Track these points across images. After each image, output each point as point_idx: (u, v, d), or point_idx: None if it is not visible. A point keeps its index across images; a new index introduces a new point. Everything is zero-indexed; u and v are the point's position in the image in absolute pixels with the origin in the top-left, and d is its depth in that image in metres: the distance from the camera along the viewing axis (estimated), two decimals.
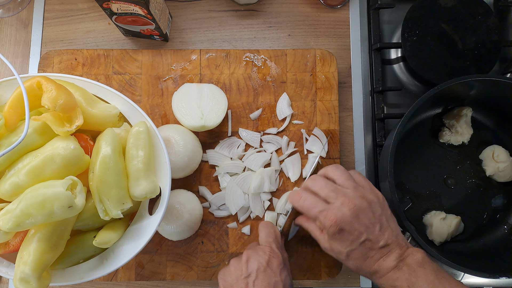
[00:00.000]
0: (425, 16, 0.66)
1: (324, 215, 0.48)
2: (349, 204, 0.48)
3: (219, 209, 0.63)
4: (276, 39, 0.70)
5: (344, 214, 0.47)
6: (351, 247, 0.48)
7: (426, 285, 0.45)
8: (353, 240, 0.48)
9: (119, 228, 0.51)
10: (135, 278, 0.62)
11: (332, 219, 0.47)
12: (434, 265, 0.47)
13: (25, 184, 0.44)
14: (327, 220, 0.48)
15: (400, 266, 0.46)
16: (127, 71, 0.66)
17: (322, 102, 0.66)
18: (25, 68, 0.69)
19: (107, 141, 0.47)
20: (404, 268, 0.46)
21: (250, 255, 0.50)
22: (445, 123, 0.67)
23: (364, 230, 0.47)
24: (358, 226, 0.47)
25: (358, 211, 0.48)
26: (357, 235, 0.47)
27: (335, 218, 0.47)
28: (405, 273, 0.46)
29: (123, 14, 0.59)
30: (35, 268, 0.44)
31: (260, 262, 0.48)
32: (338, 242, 0.48)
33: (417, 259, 0.46)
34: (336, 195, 0.49)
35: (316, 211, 0.49)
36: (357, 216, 0.48)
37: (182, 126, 0.62)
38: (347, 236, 0.48)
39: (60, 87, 0.45)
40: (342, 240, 0.48)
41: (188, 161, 0.59)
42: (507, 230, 0.65)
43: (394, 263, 0.46)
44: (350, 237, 0.47)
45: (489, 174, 0.66)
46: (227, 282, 0.50)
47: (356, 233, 0.47)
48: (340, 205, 0.48)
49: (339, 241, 0.48)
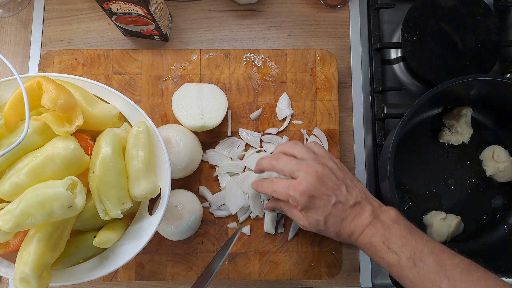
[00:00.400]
0: (425, 16, 0.66)
1: (293, 188, 0.50)
2: (312, 172, 0.50)
3: (219, 209, 0.63)
4: (276, 39, 0.70)
5: (310, 182, 0.49)
6: (325, 212, 0.49)
7: (399, 240, 0.46)
8: (325, 205, 0.49)
9: (119, 228, 0.51)
10: (135, 278, 0.62)
11: (300, 190, 0.49)
12: (407, 222, 0.48)
13: (25, 184, 0.44)
14: (297, 192, 0.49)
15: (374, 222, 0.47)
16: (127, 71, 0.66)
17: (322, 102, 0.66)
18: (25, 68, 0.69)
19: (107, 141, 0.47)
20: (378, 224, 0.47)
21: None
22: (445, 123, 0.67)
23: (331, 193, 0.49)
24: (325, 190, 0.49)
25: (322, 177, 0.50)
26: (326, 199, 0.49)
27: (303, 188, 0.49)
28: (380, 229, 0.47)
29: (123, 14, 0.59)
30: (35, 268, 0.44)
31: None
32: (312, 211, 0.50)
33: (391, 216, 0.48)
34: (299, 167, 0.51)
35: (286, 190, 0.51)
36: (321, 181, 0.49)
37: (182, 126, 0.62)
38: (318, 202, 0.49)
39: (60, 87, 0.45)
40: (315, 208, 0.49)
41: (188, 161, 0.59)
42: (507, 230, 0.65)
43: (368, 220, 0.48)
44: (321, 202, 0.49)
45: (490, 174, 0.66)
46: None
47: (325, 197, 0.49)
48: (304, 175, 0.50)
49: (312, 209, 0.50)
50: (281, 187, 0.52)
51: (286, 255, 0.63)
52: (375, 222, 0.47)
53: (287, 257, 0.63)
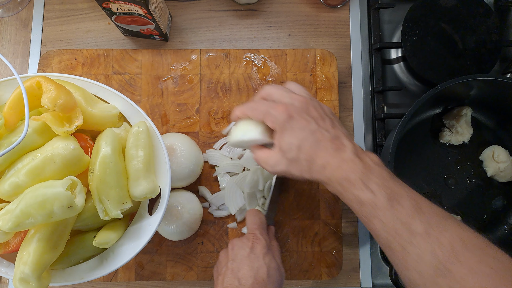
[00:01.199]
0: (425, 16, 0.66)
1: (274, 107, 0.46)
2: (299, 99, 0.47)
3: (218, 209, 0.63)
4: (276, 39, 0.70)
5: (294, 105, 0.46)
6: (302, 135, 0.45)
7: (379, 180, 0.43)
8: (302, 128, 0.45)
9: (119, 228, 0.51)
10: (135, 278, 0.62)
11: (282, 108, 0.46)
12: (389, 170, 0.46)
13: (25, 184, 0.44)
14: (278, 111, 0.45)
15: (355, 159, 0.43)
16: (127, 71, 0.66)
17: (322, 102, 0.66)
18: (25, 68, 0.69)
19: (107, 141, 0.47)
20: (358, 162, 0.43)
21: (235, 243, 0.53)
22: (445, 123, 0.67)
23: (312, 120, 0.46)
24: (307, 116, 0.46)
25: (308, 105, 0.46)
26: (306, 123, 0.45)
27: (285, 106, 0.46)
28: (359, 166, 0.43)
29: (123, 14, 0.59)
30: (35, 268, 0.44)
31: (243, 248, 0.51)
32: (288, 133, 0.45)
33: (373, 159, 0.45)
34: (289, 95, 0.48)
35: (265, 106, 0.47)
36: (306, 108, 0.46)
37: (186, 136, 0.62)
38: (297, 123, 0.45)
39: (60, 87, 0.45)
40: (292, 130, 0.45)
41: (189, 172, 0.59)
42: (507, 230, 0.65)
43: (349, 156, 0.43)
44: (299, 124, 0.45)
45: (490, 174, 0.66)
46: (217, 272, 0.53)
47: (304, 121, 0.45)
48: (290, 99, 0.47)
49: (289, 131, 0.45)
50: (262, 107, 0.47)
51: (286, 255, 0.63)
52: (355, 159, 0.43)
53: (287, 257, 0.63)
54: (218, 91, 0.66)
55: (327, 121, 0.46)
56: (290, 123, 0.45)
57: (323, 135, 0.45)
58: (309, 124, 0.45)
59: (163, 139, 0.53)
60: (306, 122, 0.45)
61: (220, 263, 0.53)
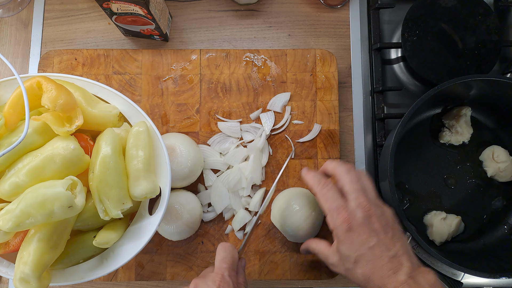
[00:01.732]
0: (425, 16, 0.66)
1: (338, 210, 0.47)
2: (365, 207, 0.47)
3: (207, 211, 0.63)
4: (276, 39, 0.70)
5: (357, 215, 0.47)
6: (360, 251, 0.46)
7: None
8: (362, 243, 0.46)
9: (119, 228, 0.51)
10: (135, 278, 0.62)
11: (344, 216, 0.47)
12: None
13: (25, 184, 0.44)
14: (339, 217, 0.47)
15: (410, 283, 0.43)
16: (127, 71, 0.66)
17: (322, 102, 0.66)
18: (25, 68, 0.69)
19: (107, 141, 0.47)
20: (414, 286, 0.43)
21: (198, 284, 0.47)
22: (445, 124, 0.67)
23: (374, 234, 0.46)
24: (368, 230, 0.46)
25: (372, 217, 0.47)
26: (366, 238, 0.46)
27: (347, 216, 0.47)
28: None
29: (123, 14, 0.59)
30: (35, 268, 0.44)
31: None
32: (347, 245, 0.46)
33: (429, 280, 0.44)
34: (357, 195, 0.48)
35: (333, 205, 0.48)
36: (369, 220, 0.46)
37: (186, 136, 0.62)
38: (356, 238, 0.46)
39: (60, 87, 0.45)
40: (351, 243, 0.46)
41: (189, 172, 0.59)
42: (507, 230, 0.65)
43: (404, 278, 0.44)
44: (359, 239, 0.46)
45: (491, 175, 0.65)
46: None
47: (365, 236, 0.46)
48: (355, 206, 0.47)
49: (347, 243, 0.46)
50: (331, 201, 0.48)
51: (286, 255, 0.63)
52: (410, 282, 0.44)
53: (287, 257, 0.63)
54: (218, 91, 0.66)
55: (388, 234, 0.46)
56: (349, 235, 0.46)
57: (381, 252, 0.45)
58: (369, 239, 0.46)
59: (163, 139, 0.53)
60: (366, 236, 0.46)
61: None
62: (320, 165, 0.65)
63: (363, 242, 0.46)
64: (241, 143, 0.64)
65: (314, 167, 0.65)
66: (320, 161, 0.65)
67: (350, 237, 0.46)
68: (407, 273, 0.44)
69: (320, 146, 0.65)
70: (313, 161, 0.65)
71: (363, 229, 0.46)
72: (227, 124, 0.64)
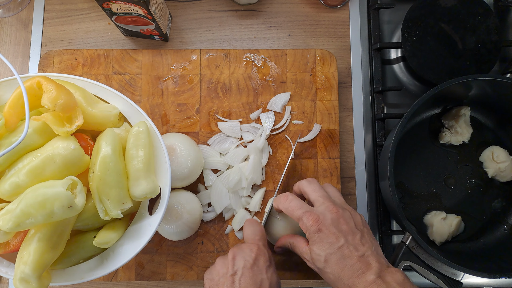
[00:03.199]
0: (425, 16, 0.66)
1: (307, 215, 0.49)
2: (333, 210, 0.49)
3: (207, 211, 0.63)
4: (276, 39, 0.70)
5: (326, 217, 0.49)
6: (329, 251, 0.47)
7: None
8: (331, 243, 0.47)
9: (119, 228, 0.51)
10: (135, 278, 0.62)
11: (313, 219, 0.49)
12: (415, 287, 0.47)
13: (25, 184, 0.44)
14: (309, 220, 0.49)
15: (378, 282, 0.45)
16: (127, 71, 0.66)
17: (322, 102, 0.66)
18: (25, 68, 0.69)
19: (107, 141, 0.47)
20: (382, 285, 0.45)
21: (236, 252, 0.50)
22: (444, 124, 0.67)
23: (342, 235, 0.48)
24: (337, 231, 0.48)
25: (340, 218, 0.49)
26: (335, 239, 0.48)
27: (317, 217, 0.49)
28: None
29: (123, 14, 0.59)
30: (35, 268, 0.44)
31: (246, 260, 0.49)
32: (317, 245, 0.48)
33: (397, 278, 0.46)
34: (323, 201, 0.51)
35: (301, 212, 0.50)
36: (338, 222, 0.49)
37: (186, 136, 0.62)
38: (326, 238, 0.48)
39: (60, 87, 0.45)
40: (321, 242, 0.48)
41: (189, 172, 0.59)
42: (507, 230, 0.65)
43: (372, 278, 0.45)
44: (328, 239, 0.48)
45: (492, 175, 0.65)
46: (213, 280, 0.50)
47: (334, 237, 0.48)
48: (324, 209, 0.50)
49: (318, 243, 0.48)
50: (296, 209, 0.51)
51: (286, 255, 0.63)
52: (379, 282, 0.45)
53: (287, 257, 0.63)
54: (218, 91, 0.66)
55: (356, 236, 0.48)
56: (320, 235, 0.48)
57: (350, 252, 0.47)
58: (337, 239, 0.47)
59: (163, 139, 0.53)
60: (334, 237, 0.48)
61: (216, 271, 0.50)
62: (320, 165, 0.65)
63: (332, 242, 0.48)
64: (241, 143, 0.64)
65: (314, 167, 0.65)
66: (320, 161, 0.65)
67: (320, 237, 0.48)
68: (375, 273, 0.45)
69: (320, 146, 0.65)
70: (313, 161, 0.65)
71: (332, 230, 0.48)
72: (227, 124, 0.64)
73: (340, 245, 0.47)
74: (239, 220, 0.62)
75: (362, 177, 0.68)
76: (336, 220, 0.49)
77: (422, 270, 0.56)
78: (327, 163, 0.65)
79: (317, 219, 0.49)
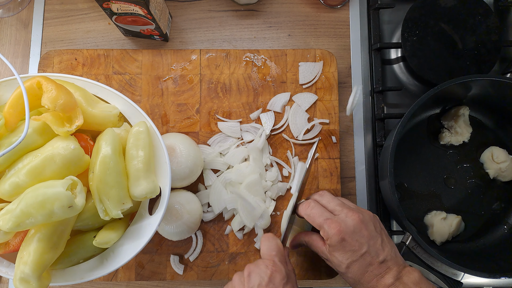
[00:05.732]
0: (425, 16, 0.66)
1: (329, 223, 0.50)
2: (353, 216, 0.50)
3: (207, 211, 0.63)
4: (276, 39, 0.70)
5: (348, 225, 0.49)
6: (352, 259, 0.49)
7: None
8: (354, 251, 0.49)
9: (119, 228, 0.51)
10: (135, 278, 0.62)
11: (336, 228, 0.49)
12: (430, 285, 0.48)
13: (25, 184, 0.44)
14: (331, 228, 0.49)
15: (396, 284, 0.47)
16: (127, 71, 0.66)
17: (322, 102, 0.66)
18: (25, 68, 0.69)
19: (107, 141, 0.47)
20: (400, 287, 0.47)
21: (252, 269, 0.49)
22: (444, 125, 0.67)
23: (365, 242, 0.49)
24: (360, 238, 0.49)
25: (361, 224, 0.50)
26: (358, 247, 0.49)
27: (339, 227, 0.49)
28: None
29: (123, 14, 0.59)
30: (35, 268, 0.44)
31: (261, 277, 0.47)
32: (340, 252, 0.49)
33: (414, 278, 0.48)
34: (342, 208, 0.51)
35: (322, 219, 0.51)
36: (360, 228, 0.49)
37: (186, 136, 0.62)
38: (349, 247, 0.49)
39: (60, 87, 0.45)
40: (344, 251, 0.49)
41: (189, 172, 0.59)
42: (507, 230, 0.65)
43: (391, 281, 0.47)
44: (351, 248, 0.49)
45: (493, 176, 0.65)
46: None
47: (357, 245, 0.49)
48: (344, 216, 0.50)
49: (340, 251, 0.49)
50: (317, 216, 0.51)
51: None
52: (397, 284, 0.47)
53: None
54: (218, 91, 0.66)
55: (377, 241, 0.50)
56: (343, 244, 0.49)
57: (372, 259, 0.49)
58: (360, 247, 0.49)
59: (163, 139, 0.53)
60: (358, 244, 0.49)
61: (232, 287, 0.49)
62: (320, 165, 0.65)
63: (355, 250, 0.49)
64: (241, 143, 0.64)
65: (314, 167, 0.65)
66: (320, 161, 0.65)
67: (343, 246, 0.49)
68: (394, 276, 0.47)
69: (320, 146, 0.65)
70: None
71: (355, 237, 0.49)
72: (227, 124, 0.64)
73: (363, 253, 0.49)
74: (239, 221, 0.62)
75: (362, 177, 0.68)
76: (358, 226, 0.49)
77: (422, 270, 0.56)
78: (327, 163, 0.65)
79: (340, 229, 0.49)
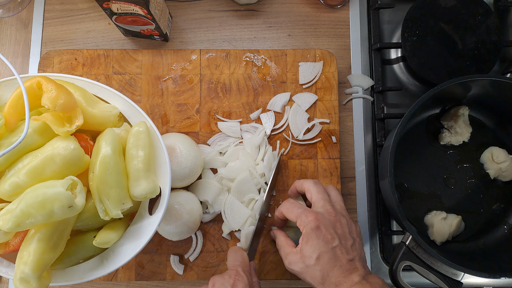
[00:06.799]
0: (425, 16, 0.66)
1: (306, 213, 0.52)
2: (331, 213, 0.52)
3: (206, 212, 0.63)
4: (276, 39, 0.70)
5: (324, 217, 0.51)
6: (324, 248, 0.50)
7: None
8: (326, 242, 0.50)
9: (119, 228, 0.51)
10: (135, 278, 0.62)
11: (312, 215, 0.51)
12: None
13: (25, 184, 0.44)
14: (308, 216, 0.51)
15: (363, 283, 0.48)
16: (127, 71, 0.66)
17: (322, 102, 0.66)
18: (25, 68, 0.69)
19: (107, 141, 0.47)
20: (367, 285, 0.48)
21: (216, 280, 0.51)
22: (444, 125, 0.67)
23: (337, 237, 0.51)
24: (333, 232, 0.51)
25: (337, 222, 0.52)
26: (331, 238, 0.50)
27: (316, 215, 0.51)
28: None
29: (123, 14, 0.59)
30: (35, 268, 0.44)
31: (225, 286, 0.49)
32: (312, 241, 0.50)
33: (379, 282, 0.49)
34: (324, 203, 0.53)
35: (300, 210, 0.52)
36: (335, 223, 0.51)
37: (186, 136, 0.62)
38: (322, 237, 0.50)
39: (60, 87, 0.45)
40: (317, 239, 0.50)
41: (189, 172, 0.59)
42: (507, 230, 0.65)
43: (358, 279, 0.48)
44: (324, 238, 0.50)
45: (494, 176, 0.65)
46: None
47: (330, 237, 0.50)
48: (323, 211, 0.52)
49: (314, 240, 0.50)
50: (295, 209, 0.53)
51: None
52: (364, 282, 0.49)
53: None
54: (218, 91, 0.66)
55: (348, 241, 0.52)
56: (317, 233, 0.50)
57: (342, 254, 0.50)
58: (333, 239, 0.50)
59: (163, 139, 0.53)
60: (330, 237, 0.50)
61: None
62: (320, 165, 0.65)
63: (328, 241, 0.50)
64: (240, 142, 0.64)
65: (314, 167, 0.65)
66: (320, 161, 0.65)
67: (317, 234, 0.50)
68: (361, 275, 0.49)
69: (320, 146, 0.65)
70: (313, 161, 0.65)
71: (329, 230, 0.51)
72: (227, 124, 0.64)
73: (335, 246, 0.50)
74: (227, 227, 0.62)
75: (362, 177, 0.68)
76: (333, 223, 0.51)
77: (422, 270, 0.56)
78: (327, 163, 0.65)
79: (317, 216, 0.51)
